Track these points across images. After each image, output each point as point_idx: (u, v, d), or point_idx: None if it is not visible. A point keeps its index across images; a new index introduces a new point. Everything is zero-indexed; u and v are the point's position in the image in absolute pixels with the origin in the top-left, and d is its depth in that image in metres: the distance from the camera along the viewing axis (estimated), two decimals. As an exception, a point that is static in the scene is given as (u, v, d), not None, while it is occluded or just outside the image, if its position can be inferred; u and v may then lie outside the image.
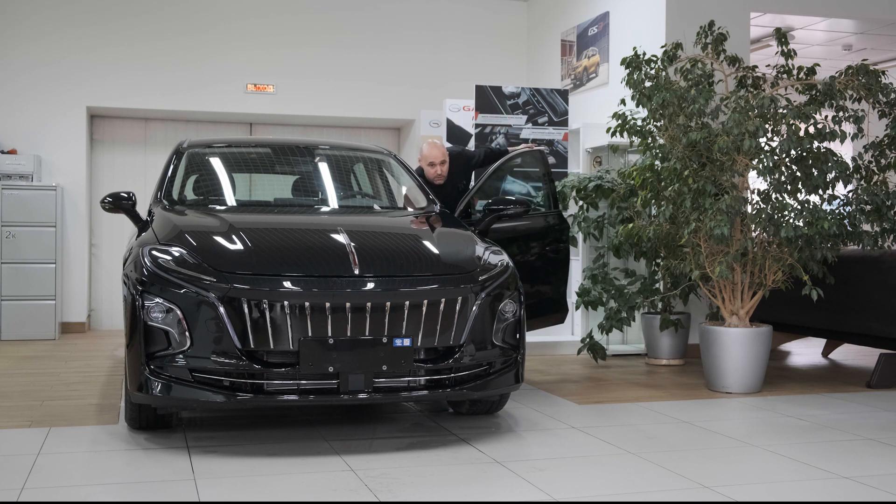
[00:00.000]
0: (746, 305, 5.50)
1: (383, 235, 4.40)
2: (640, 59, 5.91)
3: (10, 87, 8.40)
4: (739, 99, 5.31)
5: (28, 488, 3.26)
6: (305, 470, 3.53)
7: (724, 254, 5.32)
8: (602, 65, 7.90)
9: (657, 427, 4.40)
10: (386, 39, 9.24)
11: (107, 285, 9.04)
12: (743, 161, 5.38)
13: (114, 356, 6.84)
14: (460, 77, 9.16)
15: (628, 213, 6.52)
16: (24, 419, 4.46)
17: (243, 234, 4.05)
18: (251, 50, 8.89)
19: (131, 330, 3.80)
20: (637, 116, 6.19)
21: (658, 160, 6.02)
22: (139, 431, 4.13)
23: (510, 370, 4.12)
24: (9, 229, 7.93)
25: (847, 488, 3.34)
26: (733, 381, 5.37)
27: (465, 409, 4.58)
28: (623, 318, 6.44)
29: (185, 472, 3.47)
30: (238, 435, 4.11)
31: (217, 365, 3.67)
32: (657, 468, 3.60)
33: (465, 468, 3.58)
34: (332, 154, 5.59)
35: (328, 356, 3.69)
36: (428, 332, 3.84)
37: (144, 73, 8.64)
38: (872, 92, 5.48)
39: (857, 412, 4.82)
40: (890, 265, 5.60)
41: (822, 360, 6.99)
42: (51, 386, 5.46)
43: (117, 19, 8.61)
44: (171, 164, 5.06)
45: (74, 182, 8.53)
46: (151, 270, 3.81)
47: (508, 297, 4.12)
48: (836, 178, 5.43)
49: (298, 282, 3.76)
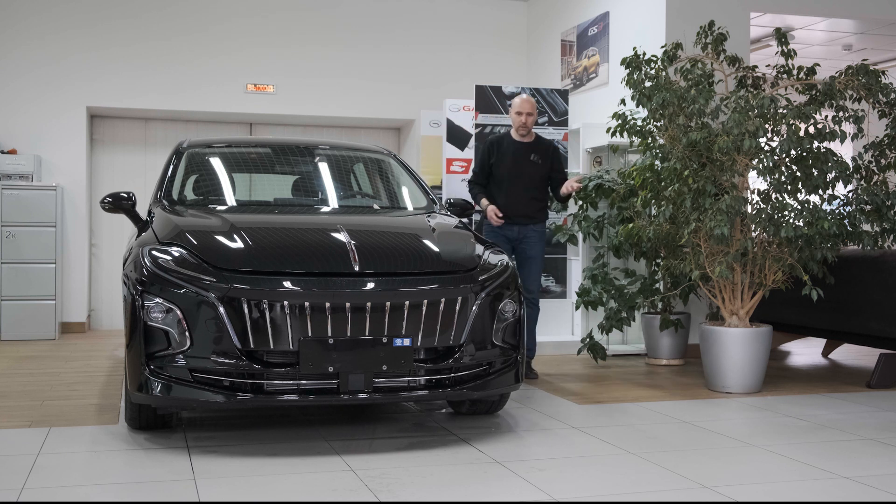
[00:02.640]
0: (746, 305, 5.50)
1: (383, 234, 4.41)
2: (640, 59, 5.91)
3: (10, 87, 8.40)
4: (739, 99, 5.31)
5: (28, 488, 3.26)
6: (305, 470, 3.53)
7: (724, 254, 5.32)
8: (602, 65, 7.90)
9: (657, 427, 4.39)
10: (386, 39, 9.24)
11: (107, 285, 9.04)
12: (743, 161, 5.38)
13: (114, 356, 6.84)
14: (460, 77, 9.16)
15: (628, 213, 6.52)
16: (24, 419, 4.46)
17: (243, 233, 4.05)
18: (251, 50, 8.89)
19: (131, 330, 3.80)
20: (637, 116, 6.19)
21: (658, 160, 6.02)
22: (139, 431, 4.13)
23: (510, 370, 4.12)
24: (9, 229, 7.93)
25: (847, 488, 3.34)
26: (733, 381, 5.37)
27: (465, 409, 4.58)
28: (623, 318, 6.44)
29: (185, 472, 3.47)
30: (238, 435, 4.11)
31: (217, 365, 3.67)
32: (657, 468, 3.60)
33: (465, 468, 3.58)
34: (332, 154, 5.59)
35: (328, 356, 3.69)
36: (428, 331, 3.84)
37: (144, 73, 8.64)
38: (872, 92, 5.48)
39: (857, 412, 4.82)
40: (890, 265, 5.60)
41: (822, 360, 6.99)
42: (51, 386, 5.46)
43: (117, 19, 8.61)
44: (171, 164, 5.06)
45: (74, 182, 8.53)
46: (151, 270, 3.81)
47: (508, 296, 4.12)
48: (836, 178, 5.43)
49: (298, 281, 3.76)
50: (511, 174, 5.76)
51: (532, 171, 5.78)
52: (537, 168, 5.79)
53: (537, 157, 5.79)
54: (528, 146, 5.81)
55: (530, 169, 5.77)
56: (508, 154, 5.78)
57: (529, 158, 5.77)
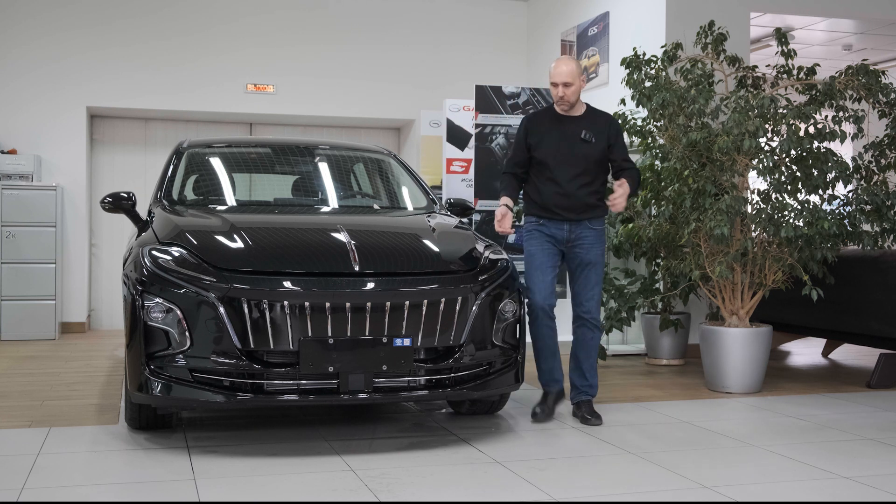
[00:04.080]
0: (746, 305, 5.50)
1: (384, 234, 4.41)
2: (640, 60, 5.91)
3: (10, 87, 8.39)
4: (739, 99, 5.31)
5: (28, 488, 3.26)
6: (305, 470, 3.53)
7: (724, 254, 5.32)
8: (602, 65, 7.90)
9: (657, 427, 4.39)
10: (386, 39, 9.24)
11: (107, 285, 9.04)
12: (743, 161, 5.38)
13: (114, 356, 6.84)
14: (460, 77, 9.16)
15: (628, 213, 6.52)
16: (24, 419, 4.46)
17: (244, 233, 4.05)
18: (251, 50, 8.89)
19: (131, 330, 3.80)
20: (637, 116, 6.19)
21: (658, 160, 6.02)
22: (139, 431, 4.13)
23: (510, 370, 4.12)
24: (9, 229, 7.93)
25: (847, 488, 3.34)
26: (733, 381, 5.37)
27: (465, 409, 4.58)
28: (623, 318, 6.44)
29: (185, 472, 3.47)
30: (238, 435, 4.11)
31: (217, 365, 3.67)
32: (657, 468, 3.60)
33: (465, 468, 3.58)
34: (332, 154, 5.60)
35: (328, 356, 3.69)
36: (428, 331, 3.84)
37: (144, 73, 8.64)
38: (872, 92, 5.48)
39: (857, 412, 4.82)
40: (890, 265, 5.60)
41: (822, 360, 6.99)
42: (51, 386, 5.46)
43: (117, 19, 8.61)
44: (171, 164, 5.06)
45: (74, 182, 8.53)
46: (151, 270, 3.81)
47: (508, 296, 4.12)
48: (836, 178, 5.43)
49: (298, 281, 3.76)
50: (556, 157, 4.51)
51: (584, 153, 4.51)
52: (591, 148, 4.51)
53: (590, 133, 4.52)
54: (577, 121, 4.55)
55: (581, 149, 4.50)
56: (552, 132, 4.55)
57: (580, 137, 4.51)
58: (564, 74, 4.44)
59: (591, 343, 4.56)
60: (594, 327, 4.54)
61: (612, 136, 4.56)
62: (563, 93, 4.47)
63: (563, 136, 4.52)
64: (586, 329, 4.55)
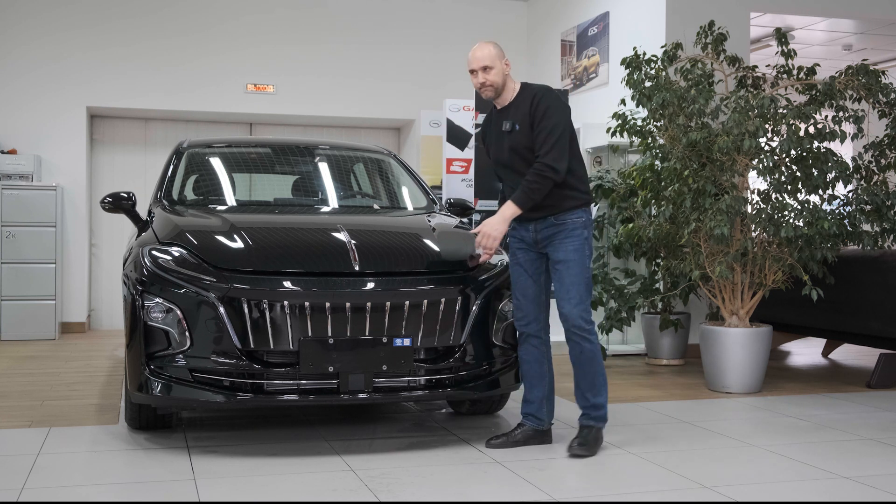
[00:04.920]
0: (746, 305, 5.50)
1: (384, 234, 4.40)
2: (640, 59, 5.91)
3: (10, 87, 8.39)
4: (739, 99, 5.31)
5: (28, 488, 3.26)
6: (305, 470, 3.53)
7: (724, 254, 5.32)
8: (602, 65, 7.90)
9: (657, 427, 4.39)
10: (386, 39, 9.24)
11: (107, 285, 9.04)
12: (743, 161, 5.38)
13: (114, 356, 6.84)
14: (460, 77, 9.12)
15: (628, 213, 6.52)
16: (24, 419, 4.46)
17: (244, 233, 4.04)
18: (251, 50, 8.89)
19: (131, 330, 3.80)
20: (637, 116, 6.19)
21: (658, 160, 6.02)
22: (139, 431, 4.13)
23: (510, 370, 4.12)
24: (9, 229, 7.93)
25: (847, 488, 3.34)
26: (733, 381, 5.37)
27: (465, 409, 4.58)
28: (623, 318, 6.44)
29: (185, 472, 3.47)
30: (238, 435, 4.11)
31: (217, 365, 3.67)
32: (657, 468, 3.60)
33: (465, 468, 3.58)
34: (332, 154, 5.59)
35: (328, 356, 3.68)
36: (428, 331, 3.84)
37: (144, 73, 8.64)
38: (872, 92, 5.48)
39: (857, 412, 4.82)
40: (890, 265, 5.60)
41: (822, 360, 6.99)
42: (51, 386, 5.46)
43: (117, 19, 8.61)
44: (171, 164, 5.06)
45: (74, 182, 8.53)
46: (151, 270, 3.81)
47: (508, 296, 4.12)
48: (836, 178, 5.43)
49: (298, 281, 3.76)
50: (498, 157, 4.05)
51: (510, 145, 3.94)
52: (515, 138, 3.92)
53: (511, 123, 3.95)
54: (504, 111, 4.03)
55: (508, 142, 3.96)
56: (491, 130, 4.10)
57: (503, 129, 3.98)
58: (481, 59, 3.92)
59: (581, 358, 3.87)
60: (581, 339, 3.84)
61: (535, 116, 3.87)
62: (484, 78, 3.94)
63: (498, 132, 4.03)
64: (572, 343, 3.88)
